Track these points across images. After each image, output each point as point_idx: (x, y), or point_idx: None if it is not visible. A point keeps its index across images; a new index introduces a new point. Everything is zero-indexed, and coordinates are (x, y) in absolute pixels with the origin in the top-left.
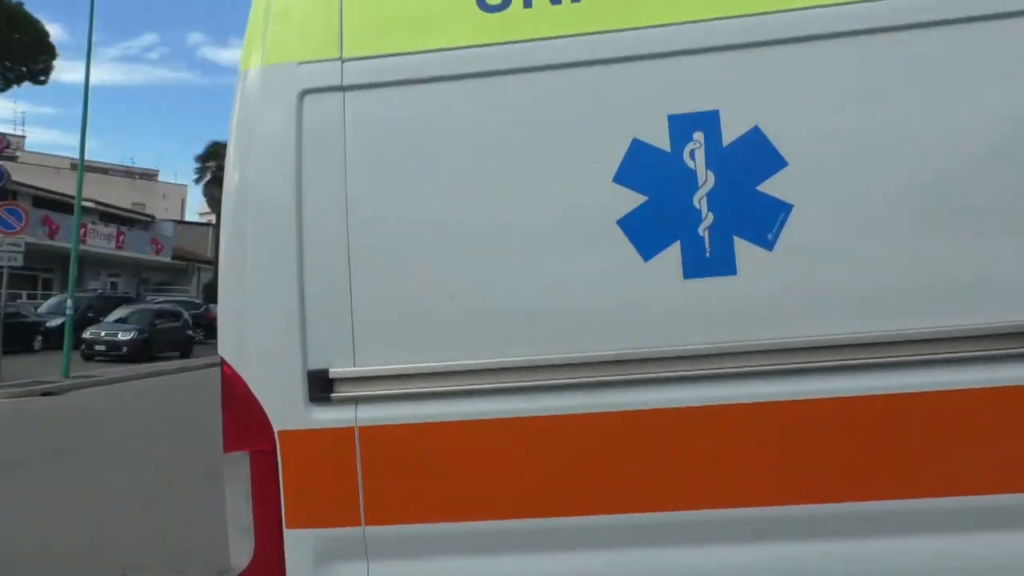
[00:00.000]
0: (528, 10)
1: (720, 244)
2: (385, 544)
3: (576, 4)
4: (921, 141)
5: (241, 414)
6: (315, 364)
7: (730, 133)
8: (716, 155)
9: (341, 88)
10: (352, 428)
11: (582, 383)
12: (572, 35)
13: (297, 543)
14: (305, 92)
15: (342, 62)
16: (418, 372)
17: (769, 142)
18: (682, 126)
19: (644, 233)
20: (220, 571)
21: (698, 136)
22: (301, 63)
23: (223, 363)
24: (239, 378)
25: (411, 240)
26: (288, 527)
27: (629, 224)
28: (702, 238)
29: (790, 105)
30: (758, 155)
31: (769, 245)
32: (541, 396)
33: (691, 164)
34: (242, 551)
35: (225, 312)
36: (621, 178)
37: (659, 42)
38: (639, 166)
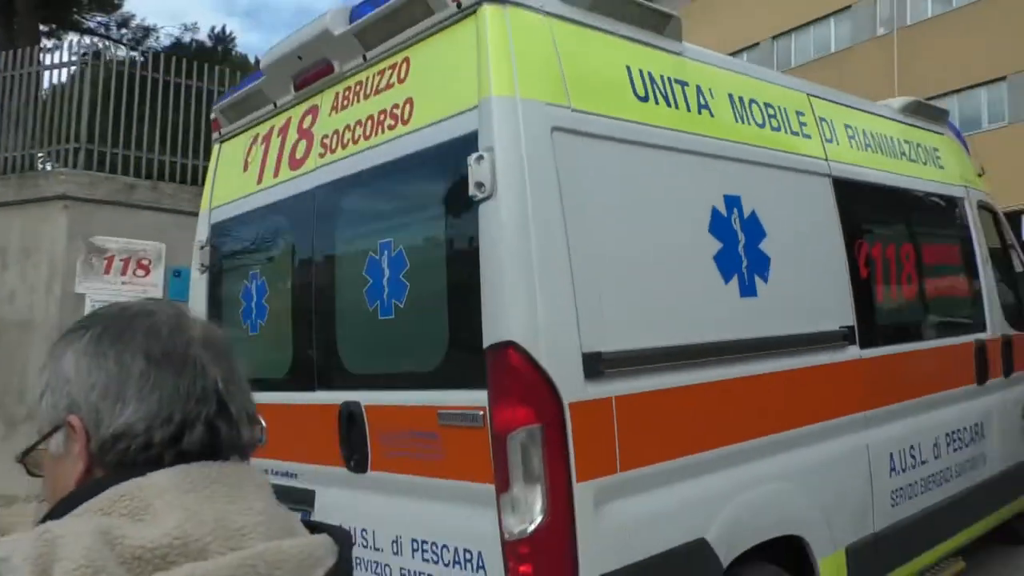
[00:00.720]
0: (657, 107)
1: (750, 278)
2: (629, 484)
3: (688, 112)
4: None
5: (534, 394)
6: (587, 348)
7: (746, 210)
8: (743, 223)
9: (576, 133)
10: (611, 398)
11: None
12: (686, 131)
13: (584, 493)
14: (554, 129)
15: (572, 111)
16: (649, 352)
17: (759, 220)
18: (729, 202)
19: (723, 267)
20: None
21: (735, 210)
22: (548, 104)
23: (513, 352)
24: (534, 363)
25: (621, 259)
26: (578, 481)
27: (718, 260)
28: (744, 273)
29: (764, 200)
30: (756, 227)
31: (766, 281)
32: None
33: (735, 227)
34: (529, 511)
35: (516, 314)
36: (711, 229)
37: (719, 148)
38: (716, 223)
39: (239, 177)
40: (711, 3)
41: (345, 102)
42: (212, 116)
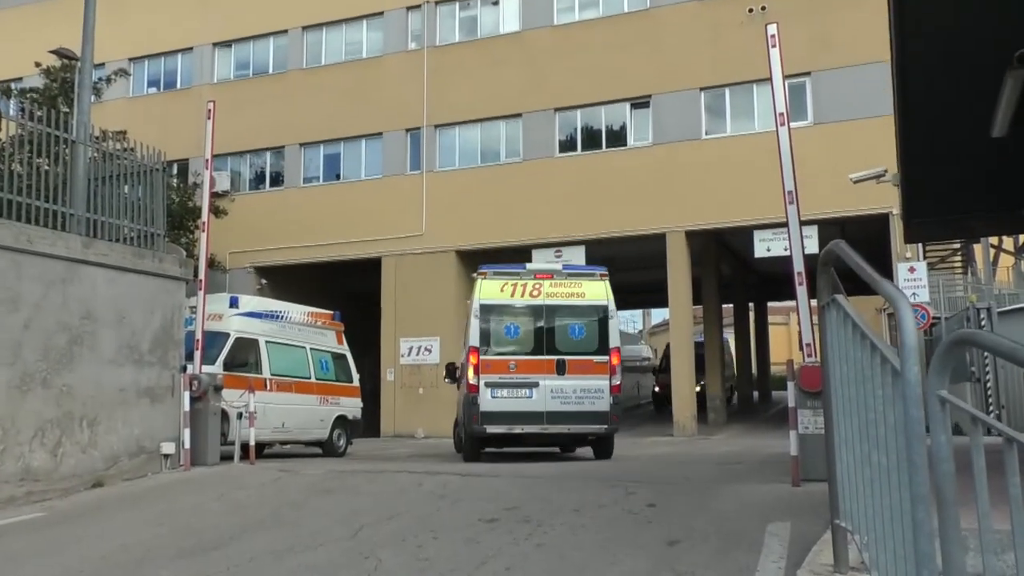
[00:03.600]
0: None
1: None
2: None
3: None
4: None
5: (618, 356)
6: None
7: None
8: None
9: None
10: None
11: None
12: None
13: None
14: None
15: (613, 303)
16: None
17: None
18: None
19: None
20: None
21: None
22: (612, 302)
23: (617, 349)
24: (619, 351)
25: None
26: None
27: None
28: None
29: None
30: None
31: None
32: None
33: None
34: (617, 380)
35: (616, 340)
36: None
37: None
38: None
39: (498, 292)
40: None
41: (556, 285)
42: (480, 270)
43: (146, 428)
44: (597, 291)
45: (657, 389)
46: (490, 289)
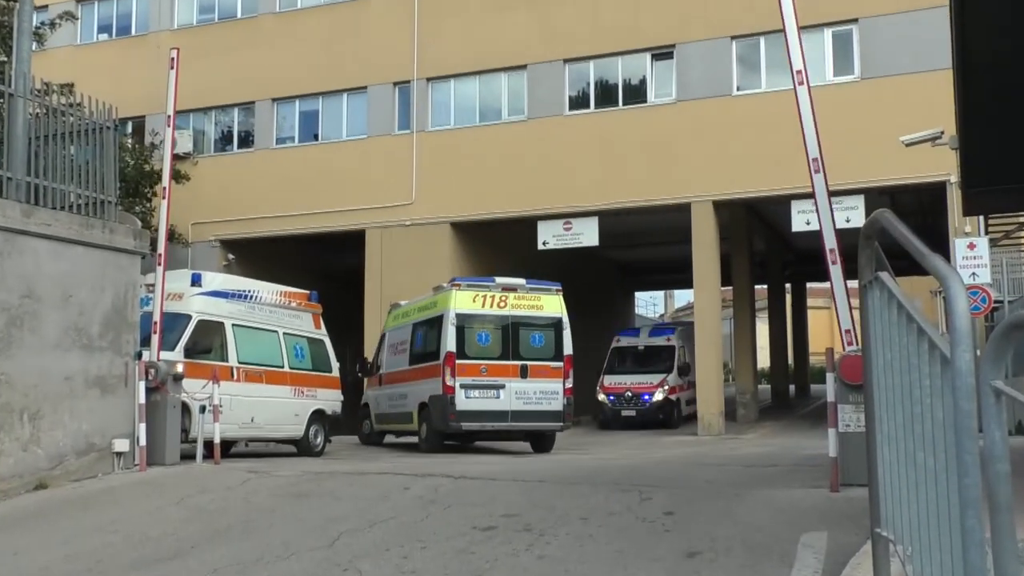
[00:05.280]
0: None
1: None
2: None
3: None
4: None
5: (570, 364)
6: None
7: None
8: None
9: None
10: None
11: None
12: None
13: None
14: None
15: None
16: None
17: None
18: None
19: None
20: None
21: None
22: (565, 315)
23: (570, 356)
24: (571, 358)
25: None
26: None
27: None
28: None
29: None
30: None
31: None
32: None
33: None
34: (569, 383)
35: (568, 347)
36: None
37: None
38: None
39: (471, 303)
40: None
41: (520, 298)
42: (455, 281)
43: (96, 423)
44: (553, 305)
45: (602, 396)
46: (464, 300)
